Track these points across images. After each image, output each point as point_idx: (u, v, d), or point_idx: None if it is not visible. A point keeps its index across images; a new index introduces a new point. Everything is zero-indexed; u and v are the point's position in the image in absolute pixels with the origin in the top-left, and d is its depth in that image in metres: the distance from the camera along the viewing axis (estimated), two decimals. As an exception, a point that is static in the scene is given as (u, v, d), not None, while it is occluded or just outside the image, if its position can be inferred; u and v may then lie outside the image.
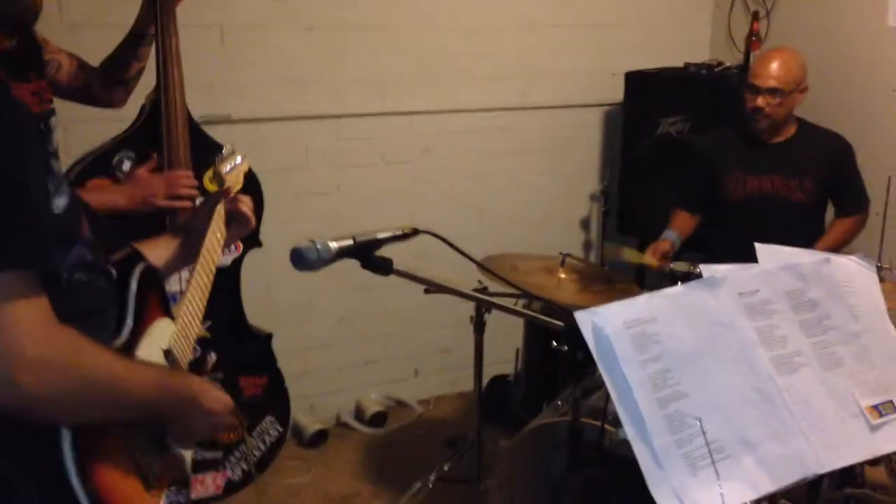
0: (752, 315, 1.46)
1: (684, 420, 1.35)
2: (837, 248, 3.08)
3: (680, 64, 3.77)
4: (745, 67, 3.61)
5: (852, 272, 1.58)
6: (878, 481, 2.38)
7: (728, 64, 3.72)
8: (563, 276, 2.96)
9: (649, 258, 3.03)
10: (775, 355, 1.44)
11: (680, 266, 2.66)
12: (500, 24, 3.66)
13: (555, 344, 1.95)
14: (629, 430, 1.33)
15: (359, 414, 3.66)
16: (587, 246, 4.14)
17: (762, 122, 3.01)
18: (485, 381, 3.21)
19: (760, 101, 2.96)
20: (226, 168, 1.59)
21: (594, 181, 4.01)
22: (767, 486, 1.33)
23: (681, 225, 3.25)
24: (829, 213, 3.21)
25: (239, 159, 1.66)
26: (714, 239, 3.24)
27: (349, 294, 3.51)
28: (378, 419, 3.62)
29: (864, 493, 2.19)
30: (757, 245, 1.55)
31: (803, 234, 3.09)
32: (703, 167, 3.23)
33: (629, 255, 3.06)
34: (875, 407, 1.46)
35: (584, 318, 1.38)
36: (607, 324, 1.38)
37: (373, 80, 3.46)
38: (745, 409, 1.39)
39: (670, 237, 3.18)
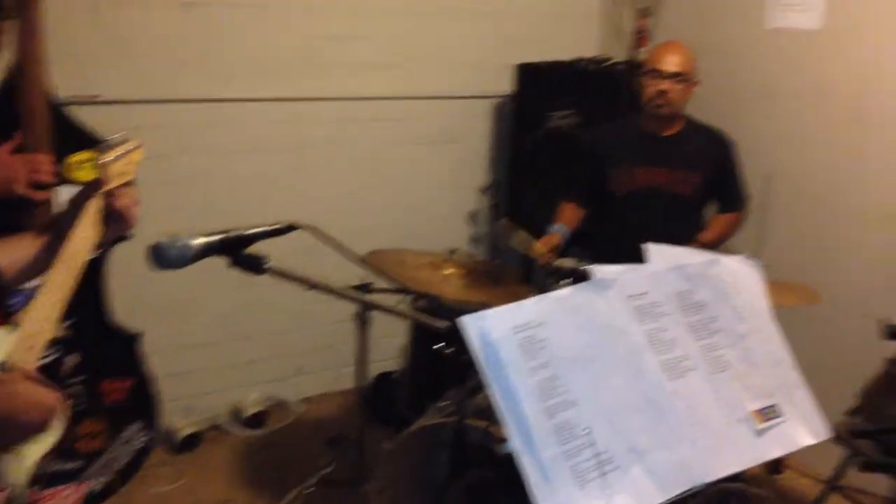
0: (642, 318, 1.41)
1: (573, 430, 1.29)
2: (718, 244, 3.15)
3: (568, 58, 3.76)
4: (633, 63, 3.63)
5: (738, 273, 1.55)
6: (752, 472, 2.42)
7: (616, 59, 3.73)
8: (450, 271, 2.89)
9: (539, 249, 2.99)
10: (664, 359, 1.39)
11: (566, 262, 2.63)
12: (387, 8, 3.54)
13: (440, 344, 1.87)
14: (516, 443, 1.25)
15: (237, 415, 3.50)
16: (476, 240, 4.08)
17: (664, 109, 3.02)
18: (371, 378, 3.11)
19: (665, 84, 2.98)
20: (109, 157, 1.37)
21: (483, 174, 3.96)
22: (655, 497, 1.29)
23: (568, 218, 3.23)
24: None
25: (130, 147, 1.44)
26: (601, 232, 3.23)
27: (231, 290, 3.34)
28: (257, 420, 3.47)
29: (741, 487, 2.21)
30: (646, 245, 1.50)
31: (687, 228, 3.13)
32: (591, 160, 3.22)
33: (520, 240, 2.99)
34: (760, 411, 1.43)
35: (470, 323, 1.29)
36: (494, 329, 1.30)
37: (253, 64, 3.29)
38: (633, 417, 1.34)
39: (559, 231, 3.16)
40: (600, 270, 1.42)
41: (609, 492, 1.26)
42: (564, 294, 1.38)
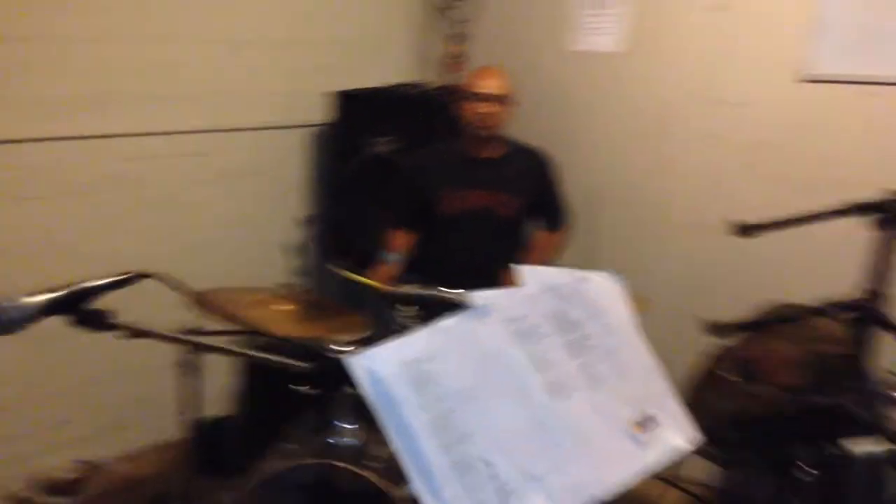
0: (523, 341, 1.39)
1: (472, 464, 1.24)
2: (544, 263, 3.24)
3: (381, 84, 3.75)
4: (449, 88, 3.68)
5: (604, 289, 1.58)
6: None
7: (431, 84, 3.77)
8: (279, 307, 2.77)
9: (376, 283, 2.93)
10: (548, 381, 1.38)
11: (411, 289, 2.59)
12: (193, 37, 3.36)
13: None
14: (417, 484, 1.19)
15: (43, 485, 3.14)
16: (301, 273, 3.95)
17: (486, 131, 3.08)
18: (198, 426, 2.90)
19: (486, 107, 3.03)
20: None
21: (302, 206, 3.85)
22: (559, 523, 1.27)
23: (400, 245, 3.20)
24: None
25: None
26: (427, 254, 3.23)
27: (30, 344, 2.99)
28: (67, 487, 3.13)
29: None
30: (519, 267, 1.49)
31: (510, 247, 3.21)
32: (412, 185, 3.22)
33: (354, 275, 2.92)
34: (639, 422, 1.46)
35: (357, 362, 1.22)
36: (383, 366, 1.23)
37: (47, 99, 2.98)
38: (527, 443, 1.31)
39: (394, 259, 3.12)
40: (477, 296, 1.39)
41: (514, 523, 1.22)
42: (448, 325, 1.34)
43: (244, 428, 2.99)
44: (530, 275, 1.49)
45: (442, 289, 2.59)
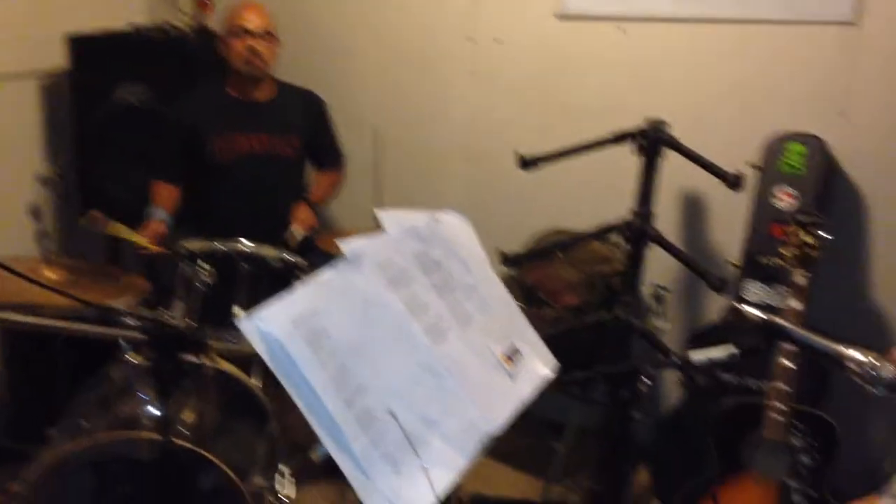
0: (396, 287, 1.36)
1: (373, 416, 1.20)
2: (326, 202, 3.20)
3: (119, 25, 3.40)
4: (200, 30, 3.43)
5: (456, 227, 1.58)
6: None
7: (176, 25, 3.49)
8: (50, 275, 2.49)
9: (145, 242, 2.70)
10: (425, 325, 1.37)
11: (194, 245, 2.43)
12: None
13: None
14: (328, 443, 1.14)
15: None
16: (43, 237, 3.53)
17: (258, 69, 2.95)
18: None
19: (255, 42, 2.91)
20: None
21: (43, 163, 3.43)
22: (460, 463, 1.27)
23: (166, 199, 2.98)
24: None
25: None
26: (205, 206, 3.05)
27: None
28: None
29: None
30: (378, 212, 1.45)
31: (292, 189, 3.13)
32: (179, 133, 3.00)
33: (117, 230, 2.65)
34: (508, 356, 1.49)
35: (249, 325, 1.12)
36: (277, 327, 1.14)
37: None
38: (419, 389, 1.30)
39: (160, 216, 2.90)
40: (347, 245, 1.33)
41: (422, 468, 1.21)
42: (328, 277, 1.27)
43: (14, 409, 2.66)
44: (388, 219, 1.45)
45: (242, 241, 2.48)
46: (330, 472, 2.83)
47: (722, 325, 2.89)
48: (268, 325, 1.14)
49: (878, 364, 1.18)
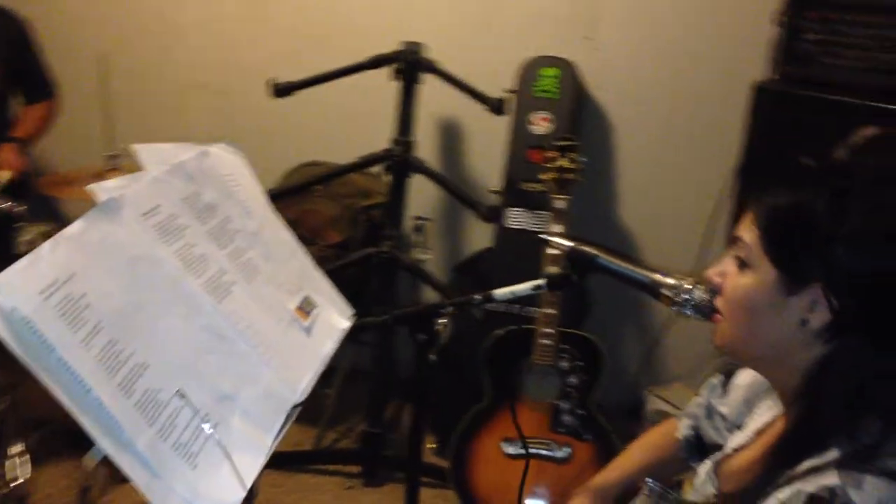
0: (166, 238, 1.11)
1: (158, 400, 0.97)
2: (36, 138, 2.79)
3: None
4: None
5: (227, 163, 1.35)
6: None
7: None
8: None
9: None
10: (205, 281, 1.14)
11: None
12: None
13: None
14: (105, 444, 0.89)
15: None
16: None
17: None
18: None
19: None
20: None
21: None
22: (265, 439, 1.08)
23: None
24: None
25: None
26: None
27: None
28: None
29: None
30: (136, 147, 1.17)
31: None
32: None
33: None
34: (300, 308, 1.31)
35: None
36: (19, 300, 0.87)
37: None
38: (208, 359, 1.08)
39: None
40: (101, 189, 1.06)
41: (223, 455, 1.01)
42: (76, 231, 0.99)
43: None
44: (148, 154, 1.19)
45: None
46: (72, 446, 2.52)
47: (488, 254, 2.87)
48: (7, 299, 0.86)
49: (689, 287, 1.15)
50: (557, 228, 2.48)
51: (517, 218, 2.74)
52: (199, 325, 1.10)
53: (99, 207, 1.04)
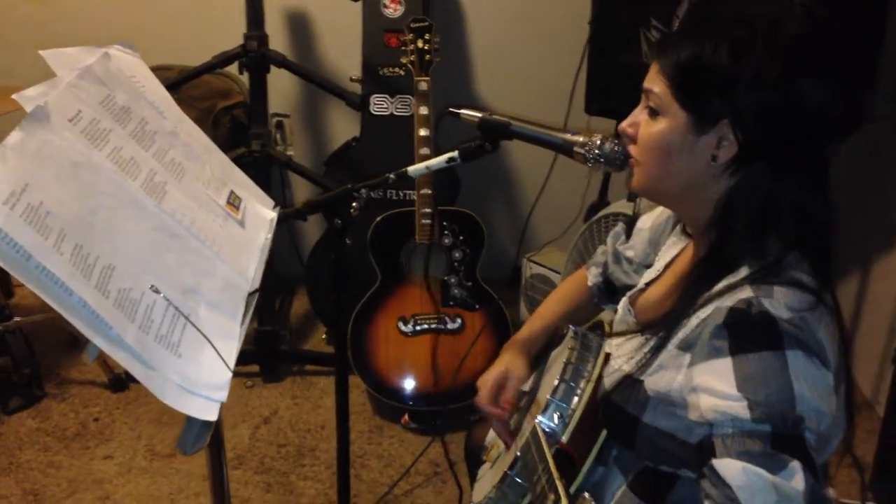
0: (96, 143, 1.09)
1: (132, 298, 0.99)
2: None
3: None
4: None
5: (131, 63, 1.31)
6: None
7: None
8: None
9: None
10: (141, 183, 1.13)
11: None
12: None
13: None
14: (97, 341, 0.91)
15: None
16: None
17: None
18: None
19: None
20: None
21: None
22: (232, 327, 1.12)
23: None
24: None
25: None
26: None
27: None
28: None
29: None
30: (42, 52, 1.12)
31: None
32: None
33: None
34: (230, 202, 1.32)
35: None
36: (-9, 214, 0.85)
37: None
38: (166, 256, 1.09)
39: None
40: (24, 97, 1.02)
41: (203, 341, 1.04)
42: (16, 142, 0.96)
43: None
44: (55, 59, 1.14)
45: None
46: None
47: (356, 143, 2.89)
48: (-22, 214, 0.84)
49: (599, 143, 1.26)
50: (423, 110, 2.55)
51: (381, 104, 2.77)
52: (150, 226, 1.10)
53: (30, 116, 1.01)
